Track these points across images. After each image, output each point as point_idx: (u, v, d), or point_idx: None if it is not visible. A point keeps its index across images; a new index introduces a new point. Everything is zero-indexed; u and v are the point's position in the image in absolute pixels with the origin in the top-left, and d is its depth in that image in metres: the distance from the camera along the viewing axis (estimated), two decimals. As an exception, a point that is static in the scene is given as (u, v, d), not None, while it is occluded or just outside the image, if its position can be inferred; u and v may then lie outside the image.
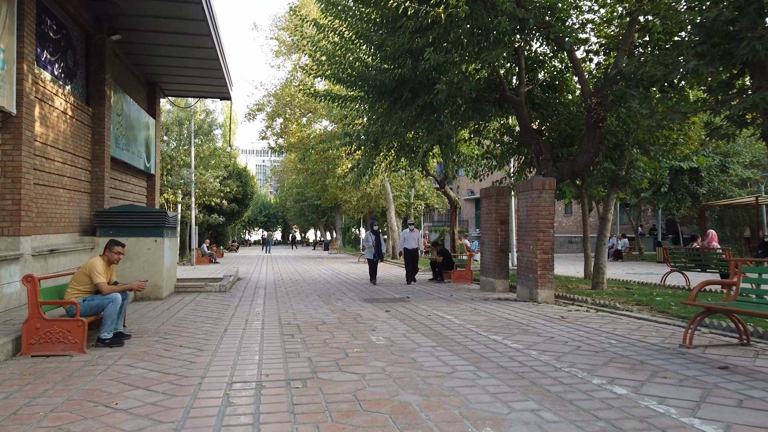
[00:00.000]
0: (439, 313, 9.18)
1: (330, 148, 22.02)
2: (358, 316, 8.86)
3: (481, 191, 13.90)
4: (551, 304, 10.44)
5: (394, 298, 11.63)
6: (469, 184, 44.46)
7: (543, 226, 10.81)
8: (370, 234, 15.49)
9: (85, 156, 11.30)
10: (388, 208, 28.10)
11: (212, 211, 29.85)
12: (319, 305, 10.36)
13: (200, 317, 8.72)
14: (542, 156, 12.05)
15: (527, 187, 11.21)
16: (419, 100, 12.38)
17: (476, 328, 7.63)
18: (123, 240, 11.05)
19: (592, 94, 10.65)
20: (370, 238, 15.30)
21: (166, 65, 15.00)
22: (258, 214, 73.09)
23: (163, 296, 11.15)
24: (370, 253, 15.26)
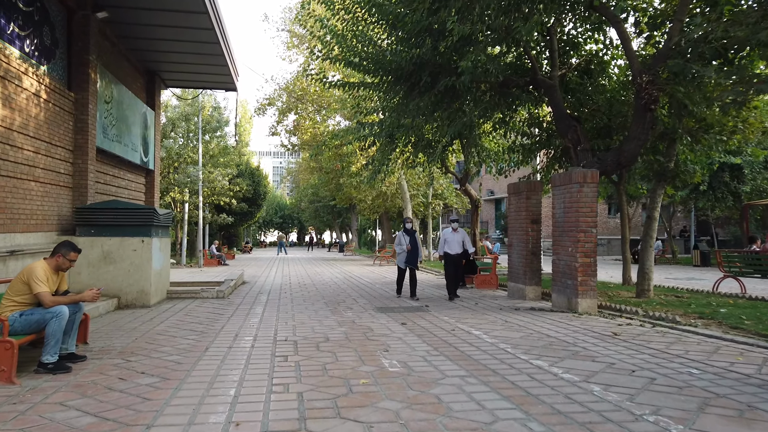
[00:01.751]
0: (465, 327, 7.76)
1: (343, 144, 20.73)
2: (368, 331, 7.48)
3: (509, 187, 12.45)
4: (595, 315, 8.96)
5: (411, 306, 10.23)
6: (488, 184, 42.89)
7: (584, 225, 9.33)
8: (402, 234, 11.64)
9: (65, 146, 10.09)
10: (404, 207, 26.67)
11: (221, 210, 28.72)
12: (324, 315, 9.00)
13: (183, 331, 7.42)
14: (581, 146, 10.58)
15: (565, 180, 9.74)
16: (440, 84, 10.98)
17: (513, 349, 6.20)
18: (106, 240, 9.90)
19: (642, 72, 9.15)
20: (402, 240, 11.52)
21: (165, 50, 13.78)
22: (273, 215, 72.14)
23: (151, 303, 9.88)
24: (402, 259, 11.59)
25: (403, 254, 11.53)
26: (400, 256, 11.68)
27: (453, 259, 11.65)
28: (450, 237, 11.80)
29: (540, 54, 12.95)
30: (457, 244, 11.70)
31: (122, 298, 9.74)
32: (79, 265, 9.70)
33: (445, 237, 11.86)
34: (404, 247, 11.42)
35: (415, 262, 11.42)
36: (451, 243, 11.71)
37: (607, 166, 9.96)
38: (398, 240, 11.68)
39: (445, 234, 11.97)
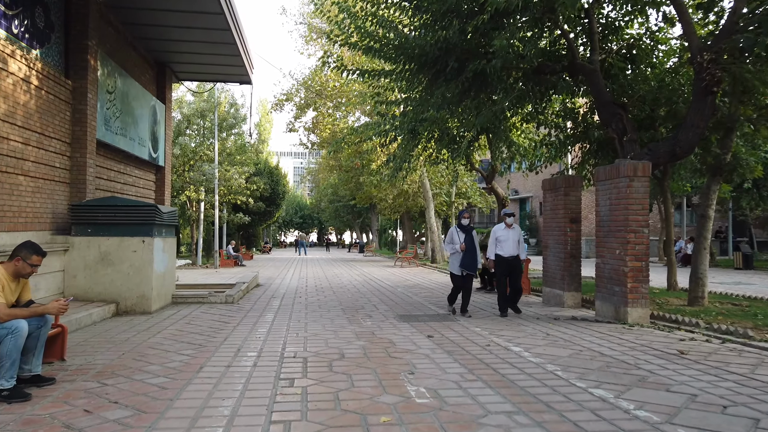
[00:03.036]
0: (501, 342, 6.74)
1: (363, 140, 19.79)
2: (390, 345, 6.50)
3: (544, 183, 11.36)
4: (648, 327, 7.85)
5: (436, 314, 9.23)
6: (513, 183, 41.62)
7: (635, 225, 8.23)
8: (456, 231, 9.25)
9: (61, 138, 9.30)
10: (427, 207, 25.65)
11: (238, 210, 27.99)
12: (341, 324, 8.05)
13: (180, 344, 6.52)
14: (628, 136, 9.46)
15: (612, 173, 8.64)
16: (468, 70, 9.97)
17: (564, 373, 5.16)
18: (104, 240, 9.08)
19: (703, 50, 8.02)
20: (456, 237, 9.15)
21: (174, 39, 12.97)
22: (293, 215, 71.66)
23: (153, 309, 9.04)
24: (456, 263, 9.12)
25: (456, 256, 9.14)
26: (452, 258, 9.26)
27: (507, 263, 9.35)
28: (503, 235, 9.44)
29: (576, 38, 11.86)
30: (513, 243, 9.41)
31: (121, 304, 8.92)
32: (75, 268, 8.91)
33: (496, 235, 9.48)
34: (458, 246, 9.04)
35: (473, 266, 9.05)
36: (504, 243, 9.39)
37: (659, 157, 8.83)
38: (450, 237, 9.27)
39: (496, 231, 9.53)
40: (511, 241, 9.42)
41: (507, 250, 9.39)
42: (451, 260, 9.40)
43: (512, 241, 9.43)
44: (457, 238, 9.12)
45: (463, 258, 9.02)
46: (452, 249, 9.20)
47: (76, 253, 8.93)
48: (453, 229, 9.36)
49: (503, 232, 9.48)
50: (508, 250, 9.40)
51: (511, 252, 9.39)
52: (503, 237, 9.44)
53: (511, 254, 9.38)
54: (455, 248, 9.10)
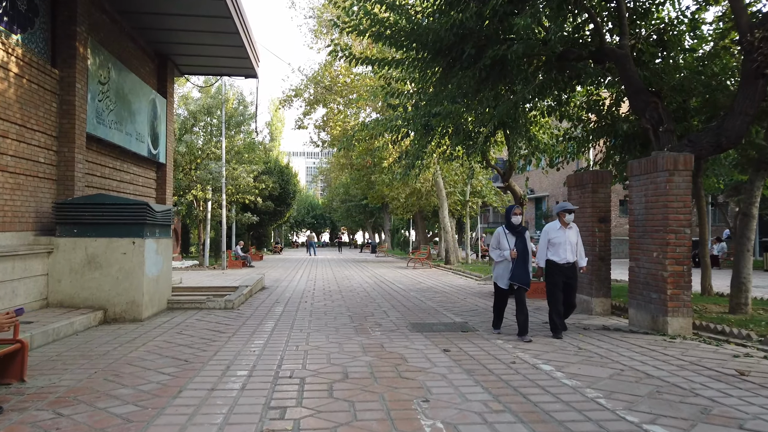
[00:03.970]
0: (528, 358, 5.91)
1: (374, 136, 19.01)
2: (400, 362, 5.70)
3: (570, 179, 10.50)
4: (692, 340, 6.97)
5: (452, 323, 8.41)
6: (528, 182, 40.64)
7: (675, 224, 7.36)
8: (504, 233, 7.37)
9: (46, 131, 8.62)
10: (440, 206, 24.80)
11: (247, 209, 27.33)
12: (347, 335, 7.26)
13: (164, 359, 5.78)
14: (663, 126, 8.59)
15: (649, 167, 7.76)
16: (486, 57, 9.16)
17: (608, 401, 4.33)
18: (91, 241, 8.37)
19: (753, 27, 7.13)
20: (505, 242, 7.29)
21: (174, 29, 12.25)
22: (305, 215, 71.09)
23: (144, 317, 8.32)
24: (503, 273, 7.32)
25: (504, 265, 7.27)
26: (498, 267, 7.39)
27: (562, 272, 7.44)
28: (558, 236, 7.51)
29: (604, 22, 10.99)
30: (570, 247, 7.51)
31: (109, 311, 8.21)
32: (60, 272, 8.22)
33: (549, 236, 7.58)
34: (507, 253, 7.19)
35: (525, 278, 7.18)
36: (559, 246, 7.47)
37: (701, 149, 7.93)
38: (495, 241, 7.43)
39: (549, 231, 7.64)
40: (569, 243, 7.53)
41: (562, 255, 7.48)
42: (496, 269, 7.45)
43: (569, 243, 7.54)
44: (506, 243, 7.26)
45: (514, 268, 7.16)
46: (500, 256, 7.31)
47: (60, 256, 8.24)
48: (500, 231, 7.44)
49: (558, 232, 7.57)
50: (564, 254, 7.49)
51: (567, 258, 7.48)
52: (558, 238, 7.55)
53: (568, 261, 7.48)
54: (504, 255, 7.23)
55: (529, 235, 7.50)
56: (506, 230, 7.40)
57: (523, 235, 7.33)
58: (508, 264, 7.26)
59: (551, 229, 7.73)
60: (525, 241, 7.31)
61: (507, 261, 7.25)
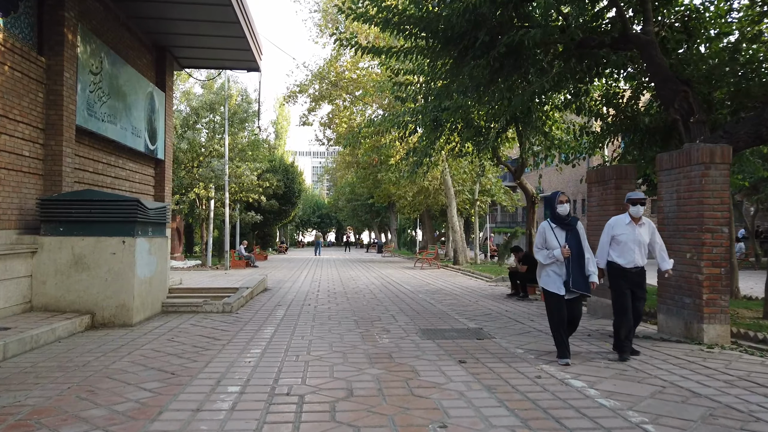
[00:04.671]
0: (554, 371, 5.29)
1: (380, 132, 18.42)
2: (412, 376, 5.09)
3: (590, 174, 9.87)
4: (732, 350, 6.33)
5: (466, 329, 7.80)
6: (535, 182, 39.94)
7: (711, 223, 6.72)
8: (549, 227, 5.91)
9: (32, 122, 8.07)
10: (448, 205, 24.15)
11: (250, 208, 26.77)
12: (352, 343, 6.67)
13: (148, 371, 5.20)
14: (695, 116, 7.95)
15: (681, 161, 7.12)
16: (501, 43, 8.56)
17: (657, 427, 3.71)
18: (78, 240, 7.80)
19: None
20: (552, 238, 5.85)
21: (172, 18, 11.66)
22: (311, 214, 70.60)
23: (134, 321, 7.75)
24: (554, 277, 5.81)
25: (555, 266, 5.78)
26: (547, 270, 5.84)
27: (628, 278, 6.05)
28: (625, 233, 6.09)
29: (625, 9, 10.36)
30: (640, 248, 6.06)
31: (97, 315, 7.65)
32: (45, 273, 7.67)
33: (614, 231, 6.16)
34: (557, 252, 5.70)
35: (583, 282, 5.70)
36: (626, 245, 6.06)
37: (738, 141, 7.30)
38: (541, 237, 5.92)
39: (616, 226, 6.19)
40: (638, 243, 6.05)
41: (629, 258, 6.04)
42: (544, 274, 5.88)
43: (639, 244, 6.05)
44: (554, 239, 5.78)
45: (569, 269, 5.67)
46: (548, 257, 5.77)
47: (45, 256, 7.68)
48: (545, 226, 5.92)
49: (626, 228, 6.10)
50: (632, 257, 6.03)
51: (635, 261, 6.03)
52: (625, 236, 6.06)
53: (636, 264, 6.04)
54: (553, 255, 5.73)
55: (582, 227, 5.92)
56: (552, 223, 5.87)
57: (575, 227, 5.83)
58: (561, 265, 5.73)
59: (618, 223, 6.21)
60: (578, 234, 5.81)
61: (559, 262, 5.74)
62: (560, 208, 5.84)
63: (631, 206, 6.13)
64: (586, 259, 5.77)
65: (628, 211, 6.18)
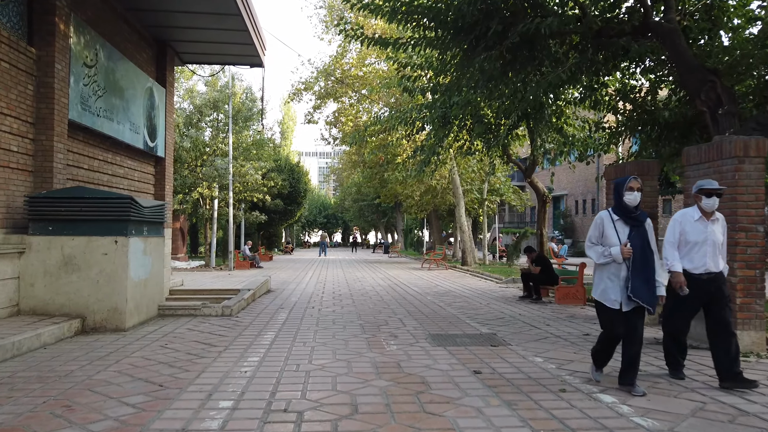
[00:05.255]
0: (579, 383, 4.81)
1: (386, 129, 17.98)
2: (423, 388, 4.63)
3: (609, 171, 9.37)
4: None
5: (479, 334, 7.33)
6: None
7: (745, 221, 6.23)
8: (611, 219, 4.71)
9: (20, 116, 7.67)
10: (457, 204, 23.66)
11: (255, 207, 26.39)
12: (357, 350, 6.22)
13: (136, 381, 4.76)
14: (724, 108, 7.46)
15: (711, 155, 6.63)
16: (515, 33, 8.11)
17: (706, 454, 3.23)
18: (68, 240, 7.38)
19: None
20: (612, 233, 4.65)
21: (171, 10, 11.27)
22: (317, 215, 70.31)
23: (128, 326, 7.33)
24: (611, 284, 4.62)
25: (612, 269, 4.64)
26: (602, 274, 4.73)
27: (700, 286, 4.95)
28: (696, 232, 5.00)
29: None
30: (713, 248, 5.00)
31: (88, 319, 7.23)
32: (33, 275, 7.26)
33: (681, 227, 5.05)
34: (616, 250, 4.58)
35: (648, 293, 4.52)
36: (696, 246, 4.99)
37: (774, 133, 6.80)
38: (596, 229, 4.76)
39: (683, 221, 5.07)
40: (711, 244, 4.98)
41: (700, 262, 4.96)
42: (597, 277, 4.76)
43: (713, 244, 4.99)
44: (614, 234, 4.62)
45: (632, 275, 4.50)
46: (604, 255, 4.63)
47: (34, 257, 7.28)
48: (604, 216, 4.75)
49: (696, 225, 5.01)
50: (703, 260, 4.96)
51: (707, 266, 4.96)
52: (695, 234, 4.98)
53: (709, 270, 4.95)
54: (610, 254, 4.58)
55: (652, 226, 4.76)
56: (614, 214, 4.69)
57: (643, 223, 4.65)
58: (619, 268, 4.57)
59: (686, 218, 5.07)
60: (645, 233, 4.63)
61: (618, 264, 4.58)
62: (628, 196, 4.61)
63: (705, 198, 4.94)
64: (654, 265, 4.59)
65: (699, 204, 5.01)
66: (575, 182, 37.61)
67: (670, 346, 5.19)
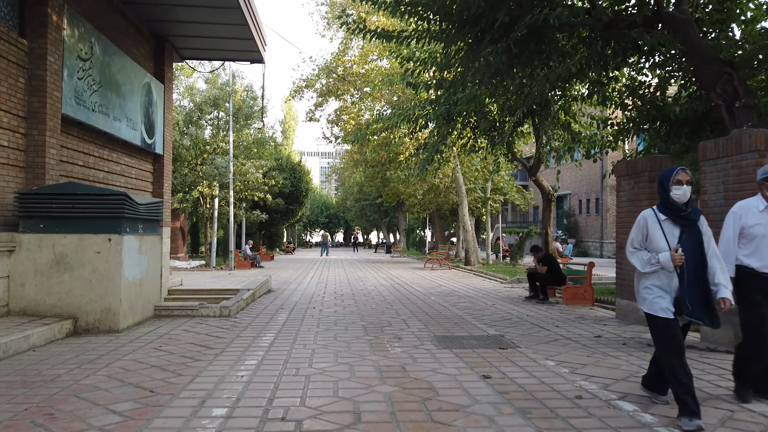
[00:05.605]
0: (596, 389, 4.53)
1: (389, 127, 17.71)
2: (430, 394, 4.36)
3: (619, 167, 9.09)
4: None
5: (486, 336, 7.05)
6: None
7: (767, 218, 5.92)
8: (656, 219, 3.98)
9: (11, 110, 7.40)
10: (460, 203, 23.37)
11: (256, 207, 26.14)
12: (360, 352, 5.94)
13: (125, 387, 4.49)
14: (741, 100, 7.16)
15: (729, 149, 6.34)
16: (522, 25, 7.83)
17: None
18: (60, 238, 7.12)
19: None
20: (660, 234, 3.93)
21: (171, 3, 11.01)
22: (319, 214, 70.06)
23: (121, 327, 7.06)
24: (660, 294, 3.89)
25: (661, 278, 3.91)
26: (645, 283, 3.99)
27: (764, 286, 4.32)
28: (761, 224, 4.35)
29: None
30: None
31: (80, 320, 6.96)
32: (24, 274, 7.00)
33: (743, 221, 4.41)
34: (663, 257, 3.84)
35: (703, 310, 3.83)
36: (761, 241, 4.33)
37: (795, 126, 6.50)
38: (639, 231, 4.05)
39: (743, 213, 4.44)
40: None
41: (766, 258, 4.31)
42: (642, 287, 4.01)
43: None
44: (661, 237, 3.90)
45: (687, 285, 3.82)
46: (650, 263, 3.91)
47: (24, 255, 7.01)
48: (648, 216, 4.02)
49: (759, 217, 4.35)
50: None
51: None
52: (759, 227, 4.33)
53: None
54: (658, 261, 3.87)
55: (706, 224, 4.01)
56: (660, 213, 3.95)
57: (696, 222, 3.92)
58: (670, 278, 3.85)
59: (748, 210, 4.40)
60: (699, 234, 3.91)
61: (667, 273, 3.85)
62: (676, 191, 3.85)
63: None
64: (712, 270, 3.87)
65: (765, 193, 4.35)
66: (579, 181, 37.29)
67: (740, 360, 4.48)
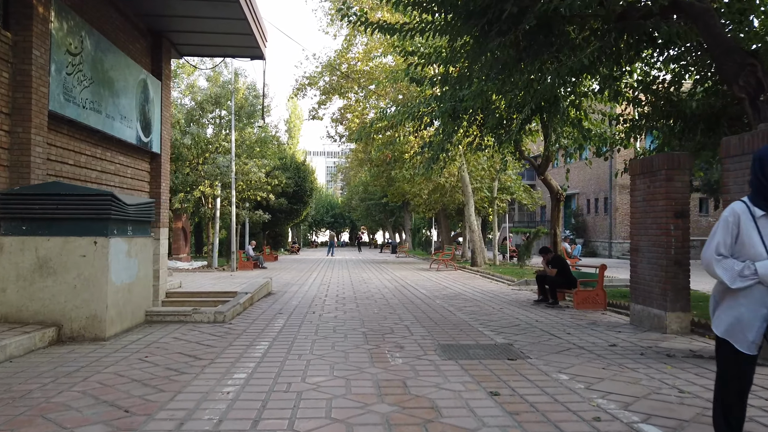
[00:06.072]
0: (616, 409, 4.11)
1: (393, 125, 17.30)
2: (432, 415, 3.95)
3: (633, 165, 8.65)
4: (830, 377, 5.09)
5: (493, 345, 6.64)
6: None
7: (798, 219, 5.47)
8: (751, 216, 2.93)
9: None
10: (466, 203, 22.94)
11: (259, 206, 25.79)
12: (359, 364, 5.54)
13: (98, 405, 4.11)
14: (766, 93, 6.71)
15: (757, 144, 5.89)
16: (531, 16, 7.40)
17: None
18: (43, 240, 6.76)
19: None
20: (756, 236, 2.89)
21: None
22: (324, 214, 69.78)
23: (108, 335, 6.69)
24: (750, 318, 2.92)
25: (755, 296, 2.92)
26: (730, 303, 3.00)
27: None
28: None
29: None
30: None
31: (65, 327, 6.60)
32: (5, 279, 6.64)
33: None
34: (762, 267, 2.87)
35: None
36: None
37: (825, 120, 6.05)
38: (726, 233, 2.98)
39: None
40: None
41: None
42: (725, 304, 3.05)
43: None
44: (758, 240, 2.93)
45: None
46: (742, 275, 2.92)
47: (5, 259, 6.66)
48: (740, 211, 2.99)
49: None
50: None
51: None
52: None
53: None
54: (754, 272, 2.89)
55: None
56: (757, 208, 2.97)
57: None
58: (765, 295, 2.93)
59: None
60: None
61: (762, 289, 2.91)
62: None
63: None
64: None
65: None
66: (587, 180, 36.75)
67: None
